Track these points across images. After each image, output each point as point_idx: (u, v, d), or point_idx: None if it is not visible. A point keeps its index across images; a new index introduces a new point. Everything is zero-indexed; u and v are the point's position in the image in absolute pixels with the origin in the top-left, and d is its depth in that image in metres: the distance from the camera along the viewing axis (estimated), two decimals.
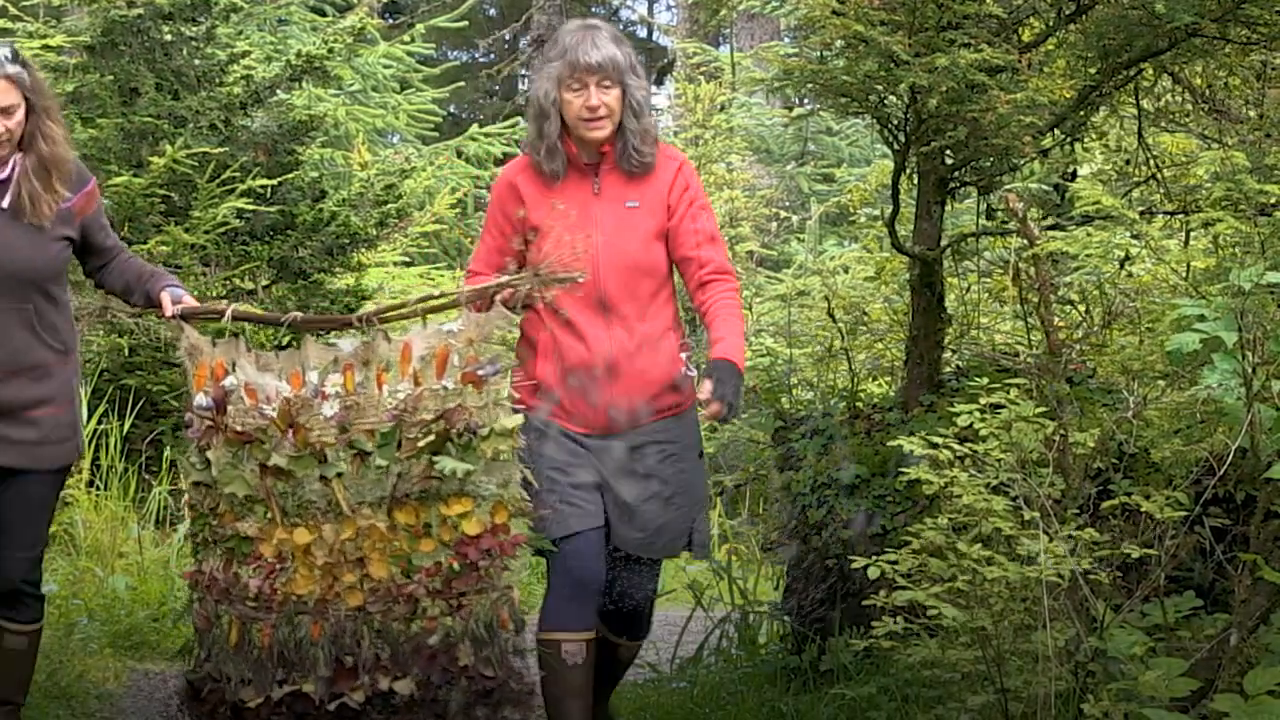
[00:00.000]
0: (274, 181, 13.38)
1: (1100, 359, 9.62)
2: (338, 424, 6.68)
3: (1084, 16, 9.63)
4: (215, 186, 12.50)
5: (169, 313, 6.98)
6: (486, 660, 6.73)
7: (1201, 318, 6.96)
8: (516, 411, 6.76)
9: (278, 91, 14.11)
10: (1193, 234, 9.57)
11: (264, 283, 13.22)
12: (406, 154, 19.66)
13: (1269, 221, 7.07)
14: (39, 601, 7.33)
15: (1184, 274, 8.12)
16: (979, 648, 6.93)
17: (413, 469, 6.65)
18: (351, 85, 19.23)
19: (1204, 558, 7.61)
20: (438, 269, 19.03)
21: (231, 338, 6.95)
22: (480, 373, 6.67)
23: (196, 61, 13.33)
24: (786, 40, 17.40)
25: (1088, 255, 8.21)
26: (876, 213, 13.59)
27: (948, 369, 10.14)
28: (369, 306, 7.63)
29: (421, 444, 6.62)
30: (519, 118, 22.67)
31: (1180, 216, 9.83)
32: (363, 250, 14.20)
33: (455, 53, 29.77)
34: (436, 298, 6.91)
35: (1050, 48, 9.96)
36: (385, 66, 20.19)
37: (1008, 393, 7.03)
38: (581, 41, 7.00)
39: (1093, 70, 9.80)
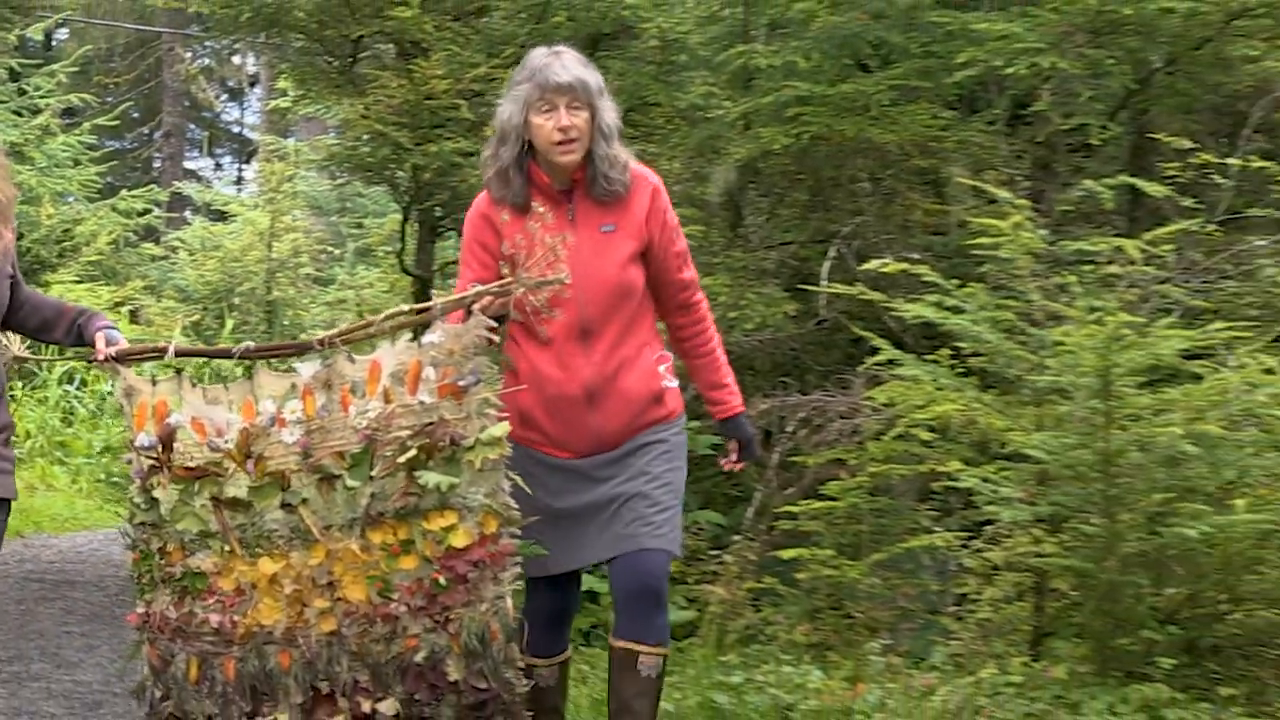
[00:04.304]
0: None
1: None
2: (300, 450, 4.72)
3: None
4: None
5: (101, 356, 4.88)
6: (479, 673, 4.66)
7: None
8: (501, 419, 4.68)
9: None
10: None
11: None
12: (78, 209, 19.13)
13: None
14: None
15: None
16: None
17: (388, 487, 4.67)
18: (40, 163, 18.50)
19: None
20: (99, 285, 18.51)
21: (174, 374, 4.92)
22: (461, 383, 4.64)
23: None
24: (332, 134, 17.10)
25: None
26: (391, 248, 13.65)
27: None
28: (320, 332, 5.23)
29: (401, 460, 4.64)
30: (153, 186, 22.63)
31: None
32: (49, 272, 15.33)
33: (111, 141, 28.53)
34: (407, 313, 4.80)
35: None
36: (64, 150, 19.45)
37: None
38: (550, 64, 4.82)
39: None
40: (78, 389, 15.54)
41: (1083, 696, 5.79)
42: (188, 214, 26.96)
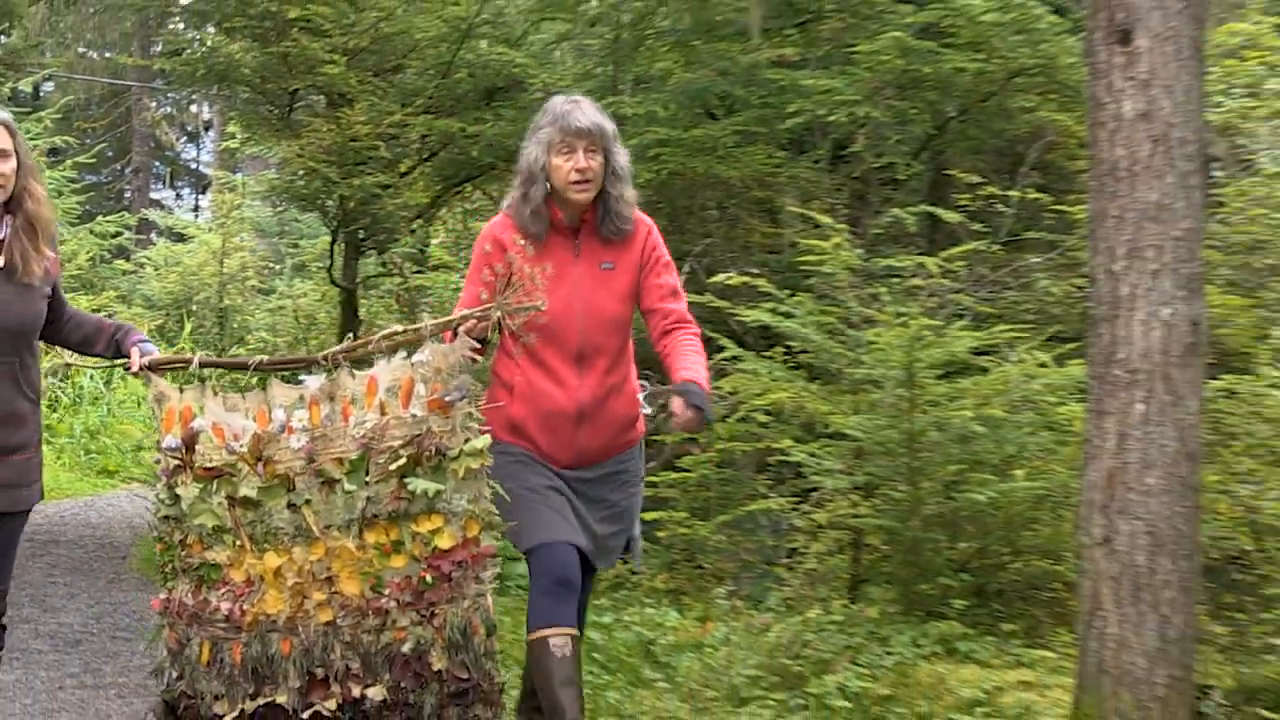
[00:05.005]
0: None
1: None
2: (305, 455, 4.38)
3: (434, 158, 10.07)
4: None
5: (135, 366, 4.52)
6: (461, 664, 4.34)
7: None
8: (484, 432, 4.36)
9: None
10: None
11: None
12: (61, 233, 18.61)
13: None
14: (3, 632, 4.65)
15: None
16: None
17: (381, 492, 4.34)
18: None
19: None
20: (79, 295, 18.24)
21: (199, 384, 4.56)
22: (448, 398, 4.29)
23: None
24: (273, 169, 16.90)
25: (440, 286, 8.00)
26: (322, 264, 13.55)
27: None
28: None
29: (392, 468, 4.32)
30: (124, 213, 22.33)
31: None
32: None
33: (89, 176, 27.93)
34: (401, 333, 4.41)
35: (416, 175, 10.01)
36: (49, 184, 18.93)
37: None
38: (571, 110, 4.45)
39: (438, 187, 10.62)
40: (61, 381, 15.18)
41: (891, 632, 5.78)
42: (153, 236, 26.49)
